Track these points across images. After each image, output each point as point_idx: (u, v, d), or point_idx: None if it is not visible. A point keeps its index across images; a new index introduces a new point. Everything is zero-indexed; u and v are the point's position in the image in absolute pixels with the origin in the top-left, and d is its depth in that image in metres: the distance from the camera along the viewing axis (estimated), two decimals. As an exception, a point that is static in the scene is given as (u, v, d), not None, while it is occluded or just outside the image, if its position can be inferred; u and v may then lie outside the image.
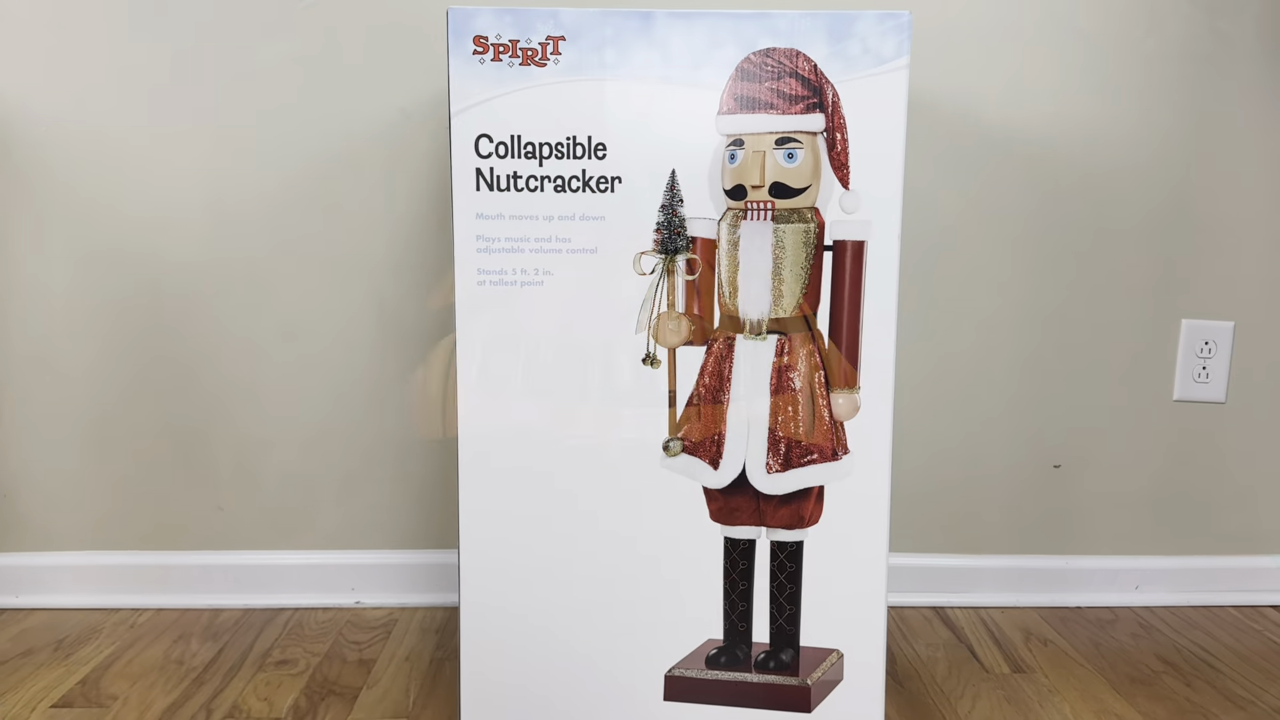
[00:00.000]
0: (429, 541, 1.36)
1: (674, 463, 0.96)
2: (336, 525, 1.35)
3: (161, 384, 1.32)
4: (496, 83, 0.91)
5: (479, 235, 0.93)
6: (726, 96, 0.91)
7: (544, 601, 0.97)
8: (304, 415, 1.33)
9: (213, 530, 1.35)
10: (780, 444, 0.95)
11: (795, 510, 0.96)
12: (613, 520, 0.96)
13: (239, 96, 1.27)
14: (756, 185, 0.92)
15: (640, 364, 0.94)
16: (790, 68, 0.91)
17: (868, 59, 0.91)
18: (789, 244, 0.93)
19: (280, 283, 1.30)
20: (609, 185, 0.92)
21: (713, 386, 0.95)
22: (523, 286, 0.93)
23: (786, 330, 0.94)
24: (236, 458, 1.34)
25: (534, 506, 0.96)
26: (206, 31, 1.26)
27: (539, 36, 0.90)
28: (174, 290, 1.30)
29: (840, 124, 0.92)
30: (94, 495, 1.34)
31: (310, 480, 1.35)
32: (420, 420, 1.29)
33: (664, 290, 0.94)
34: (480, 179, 0.93)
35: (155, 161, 1.28)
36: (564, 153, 0.92)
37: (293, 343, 1.32)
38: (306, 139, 1.28)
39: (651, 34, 0.90)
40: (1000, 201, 1.31)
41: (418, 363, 1.31)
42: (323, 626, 1.28)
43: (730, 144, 0.92)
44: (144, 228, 1.29)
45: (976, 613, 1.33)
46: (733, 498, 0.96)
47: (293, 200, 1.29)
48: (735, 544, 0.96)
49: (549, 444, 0.95)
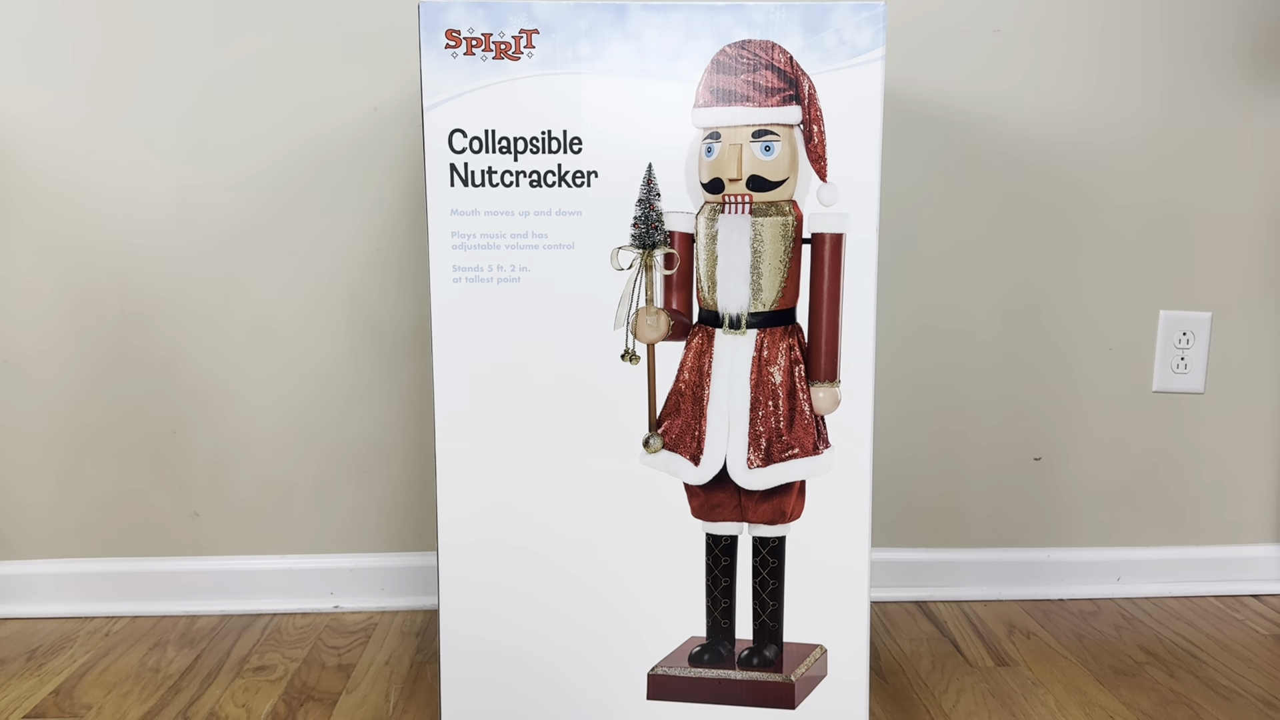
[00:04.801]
0: (408, 544, 1.34)
1: (654, 459, 0.95)
2: (314, 529, 1.34)
3: (133, 387, 1.30)
4: (470, 77, 0.90)
5: (454, 231, 0.92)
6: (702, 89, 0.90)
7: (524, 601, 0.96)
8: (278, 417, 1.32)
9: (188, 535, 1.33)
10: (761, 439, 0.94)
11: (777, 505, 0.95)
12: (593, 518, 0.95)
13: (208, 93, 1.25)
14: (734, 178, 0.91)
15: (619, 360, 0.93)
16: (766, 60, 0.90)
17: (844, 50, 0.90)
18: (767, 237, 0.92)
19: (252, 282, 1.29)
20: (585, 180, 0.91)
21: (692, 382, 0.94)
22: (499, 283, 0.92)
23: (766, 324, 0.93)
24: (210, 461, 1.32)
25: (513, 505, 0.95)
26: (175, 29, 1.24)
27: (512, 30, 0.89)
28: (144, 291, 1.29)
29: (817, 116, 0.91)
30: (66, 502, 1.32)
31: (286, 483, 1.33)
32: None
33: (642, 285, 0.93)
34: (454, 174, 0.91)
35: (123, 160, 1.26)
36: (539, 147, 0.91)
37: (266, 343, 1.30)
38: (278, 135, 1.26)
39: (626, 26, 0.89)
40: (977, 193, 1.30)
41: (394, 361, 1.30)
42: (301, 632, 1.27)
43: (707, 137, 0.91)
44: (112, 227, 1.27)
45: (959, 606, 1.33)
46: (714, 494, 0.95)
47: (264, 198, 1.28)
48: (717, 540, 0.96)
49: (528, 442, 0.94)
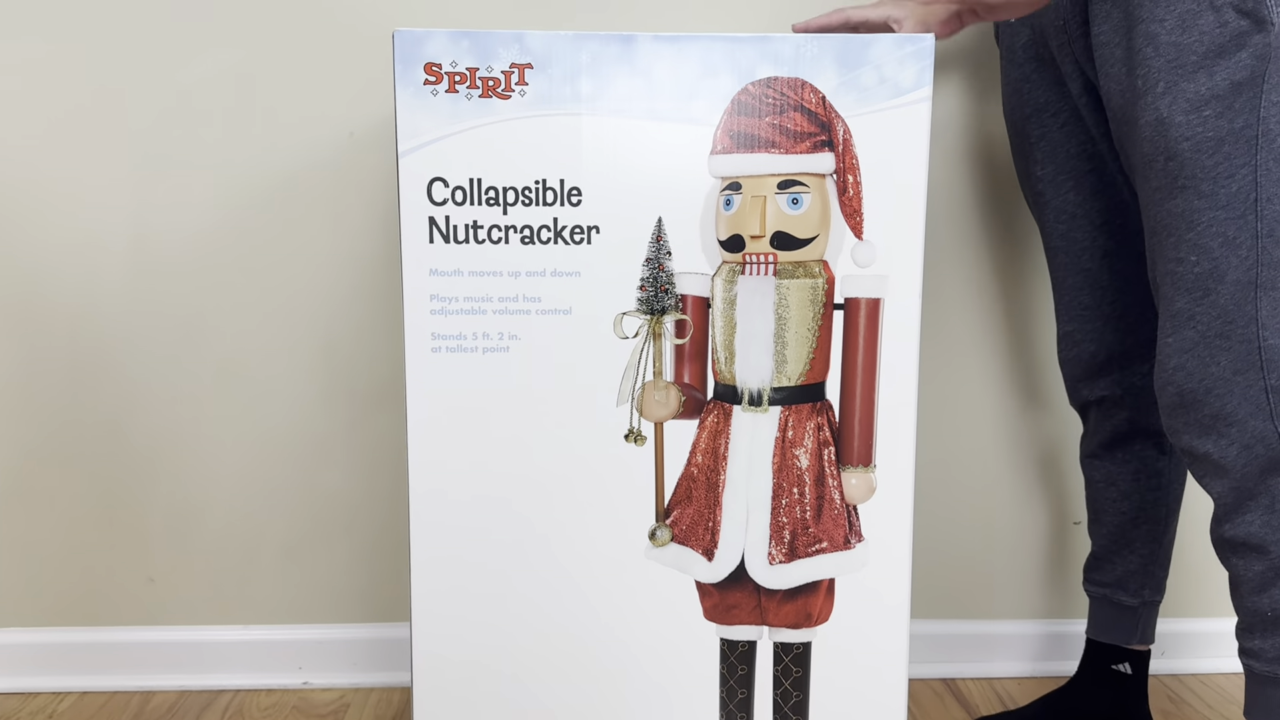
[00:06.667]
0: (384, 614, 1.25)
1: (662, 553, 0.85)
2: (281, 596, 1.25)
3: (83, 441, 1.21)
4: (452, 118, 0.79)
5: (433, 294, 0.81)
6: (721, 133, 0.79)
7: (511, 706, 0.85)
8: (242, 470, 1.22)
9: (143, 603, 1.24)
10: (784, 531, 0.84)
11: (802, 607, 0.85)
12: (591, 619, 0.85)
13: (169, 119, 1.16)
14: (756, 235, 0.81)
15: (623, 441, 0.84)
16: (795, 100, 0.79)
17: (884, 89, 0.79)
18: (793, 302, 0.82)
19: (215, 325, 1.20)
20: (585, 236, 0.81)
21: (706, 466, 0.84)
22: (485, 353, 0.82)
23: (791, 401, 0.83)
24: (168, 522, 1.23)
25: (498, 609, 0.84)
26: (132, 49, 1.15)
27: (502, 64, 0.78)
28: (96, 335, 1.19)
29: (852, 165, 0.80)
30: (9, 566, 1.22)
31: (250, 546, 1.23)
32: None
33: (649, 356, 0.83)
34: (434, 229, 0.80)
35: (75, 191, 1.17)
36: (532, 199, 0.80)
37: (229, 390, 1.21)
38: (244, 164, 1.17)
39: (634, 61, 0.78)
40: (1003, 229, 1.19)
41: (370, 409, 1.19)
42: (266, 712, 1.17)
43: (725, 188, 0.80)
44: (62, 266, 1.18)
45: (990, 685, 1.23)
46: (730, 593, 0.85)
47: (229, 230, 1.19)
48: (733, 646, 0.86)
49: (517, 535, 0.84)
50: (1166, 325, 0.81)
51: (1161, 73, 0.77)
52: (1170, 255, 0.80)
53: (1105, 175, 0.95)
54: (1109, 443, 1.02)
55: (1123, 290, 0.97)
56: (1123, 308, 0.98)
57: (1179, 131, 0.77)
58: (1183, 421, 0.81)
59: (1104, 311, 0.98)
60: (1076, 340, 1.01)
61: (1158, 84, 0.77)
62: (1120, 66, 0.81)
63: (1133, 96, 0.80)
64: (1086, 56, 0.87)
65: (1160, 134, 0.78)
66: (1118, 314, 0.98)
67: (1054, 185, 0.97)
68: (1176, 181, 0.78)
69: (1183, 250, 0.79)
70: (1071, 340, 1.01)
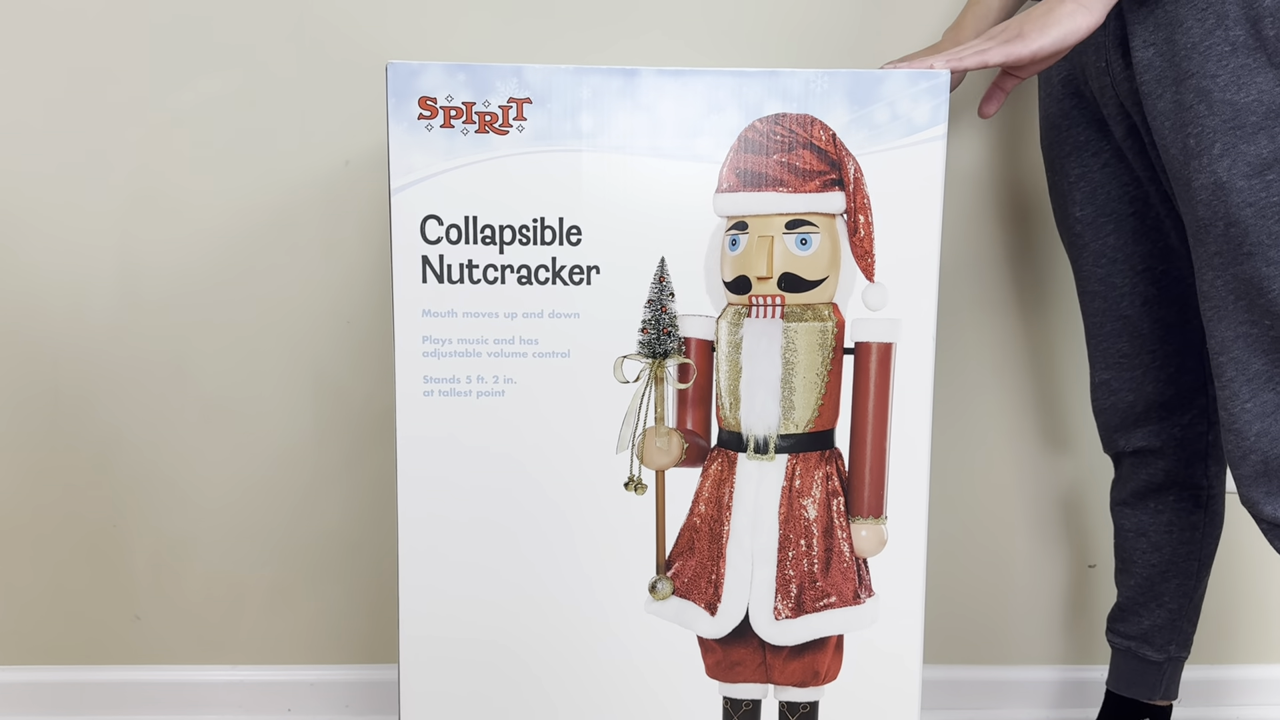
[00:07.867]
0: (376, 654, 1.23)
1: (662, 607, 0.82)
2: (269, 636, 1.23)
3: (67, 475, 1.20)
4: (447, 154, 0.76)
5: (425, 336, 0.79)
6: (727, 171, 0.77)
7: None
8: (231, 508, 1.21)
9: (128, 642, 1.23)
10: (791, 584, 0.82)
11: (809, 664, 0.82)
12: (589, 674, 0.82)
13: (157, 144, 1.14)
14: (763, 277, 0.78)
15: (623, 489, 0.81)
16: (804, 137, 0.76)
17: (897, 127, 0.76)
18: (801, 346, 0.79)
19: (204, 357, 1.18)
20: (584, 276, 0.78)
21: (709, 516, 0.81)
22: (479, 397, 0.79)
23: (798, 449, 0.80)
24: (154, 559, 1.21)
25: (489, 680, 0.81)
26: (121, 73, 1.13)
27: (499, 99, 0.75)
28: (80, 367, 1.18)
29: (864, 204, 0.77)
30: None
31: (239, 583, 1.22)
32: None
33: (651, 401, 0.80)
34: (427, 269, 0.77)
35: (60, 219, 1.15)
36: (530, 238, 0.78)
37: (218, 425, 1.19)
38: (234, 192, 1.15)
39: (637, 96, 0.75)
40: (1023, 269, 1.16)
41: (363, 446, 1.16)
42: (253, 756, 1.13)
43: (732, 228, 0.78)
44: (46, 297, 1.16)
45: (1004, 734, 1.19)
46: (734, 649, 0.82)
47: (220, 261, 1.17)
48: (737, 705, 0.83)
49: (510, 585, 0.81)
50: (1242, 389, 0.77)
51: (1217, 133, 0.74)
52: (1242, 319, 0.76)
53: (1149, 219, 0.91)
54: (1142, 492, 0.98)
55: (1164, 339, 0.94)
56: (1163, 357, 0.94)
57: (1241, 197, 0.73)
58: (1264, 491, 0.78)
59: (1143, 360, 0.94)
60: (1113, 389, 0.97)
61: (1214, 145, 0.74)
62: (1166, 120, 0.78)
63: (1184, 156, 0.77)
64: (1133, 100, 0.84)
65: (1219, 199, 0.74)
66: (1158, 364, 0.94)
67: (1093, 227, 0.94)
68: (1241, 248, 0.74)
69: (1255, 314, 0.76)
70: (1108, 389, 0.97)
